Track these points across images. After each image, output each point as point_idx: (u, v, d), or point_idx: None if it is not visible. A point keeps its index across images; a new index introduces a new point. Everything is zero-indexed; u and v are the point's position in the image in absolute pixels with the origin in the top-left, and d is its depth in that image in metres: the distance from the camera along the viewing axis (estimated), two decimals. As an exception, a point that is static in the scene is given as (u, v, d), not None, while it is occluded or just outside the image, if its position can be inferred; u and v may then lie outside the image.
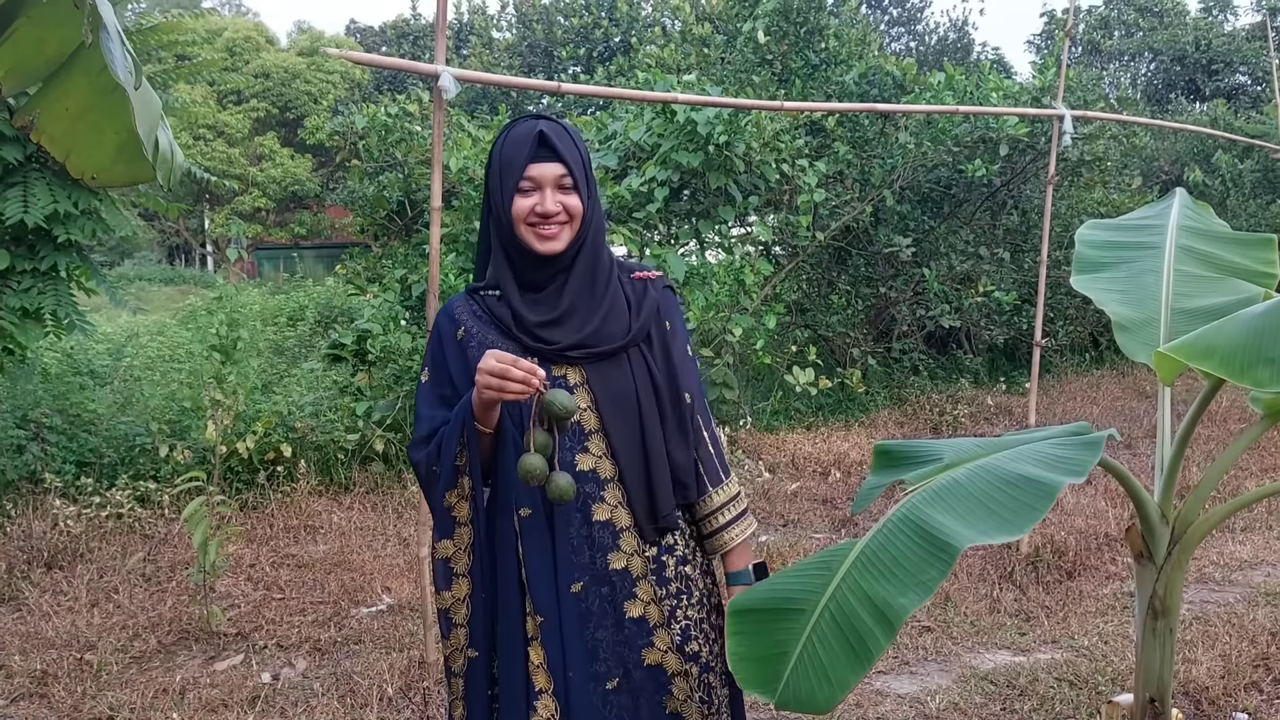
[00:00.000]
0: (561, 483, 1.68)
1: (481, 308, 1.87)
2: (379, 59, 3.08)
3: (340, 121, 8.04)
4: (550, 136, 1.76)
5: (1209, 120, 17.07)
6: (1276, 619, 4.08)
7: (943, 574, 1.53)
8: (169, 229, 28.33)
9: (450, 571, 1.85)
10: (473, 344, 1.84)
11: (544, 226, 1.77)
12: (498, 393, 1.65)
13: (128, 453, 6.01)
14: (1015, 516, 1.60)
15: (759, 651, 1.66)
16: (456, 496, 1.82)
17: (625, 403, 1.82)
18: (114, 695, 3.56)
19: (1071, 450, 1.80)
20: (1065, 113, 4.81)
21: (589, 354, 1.81)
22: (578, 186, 1.79)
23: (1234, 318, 1.58)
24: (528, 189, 1.76)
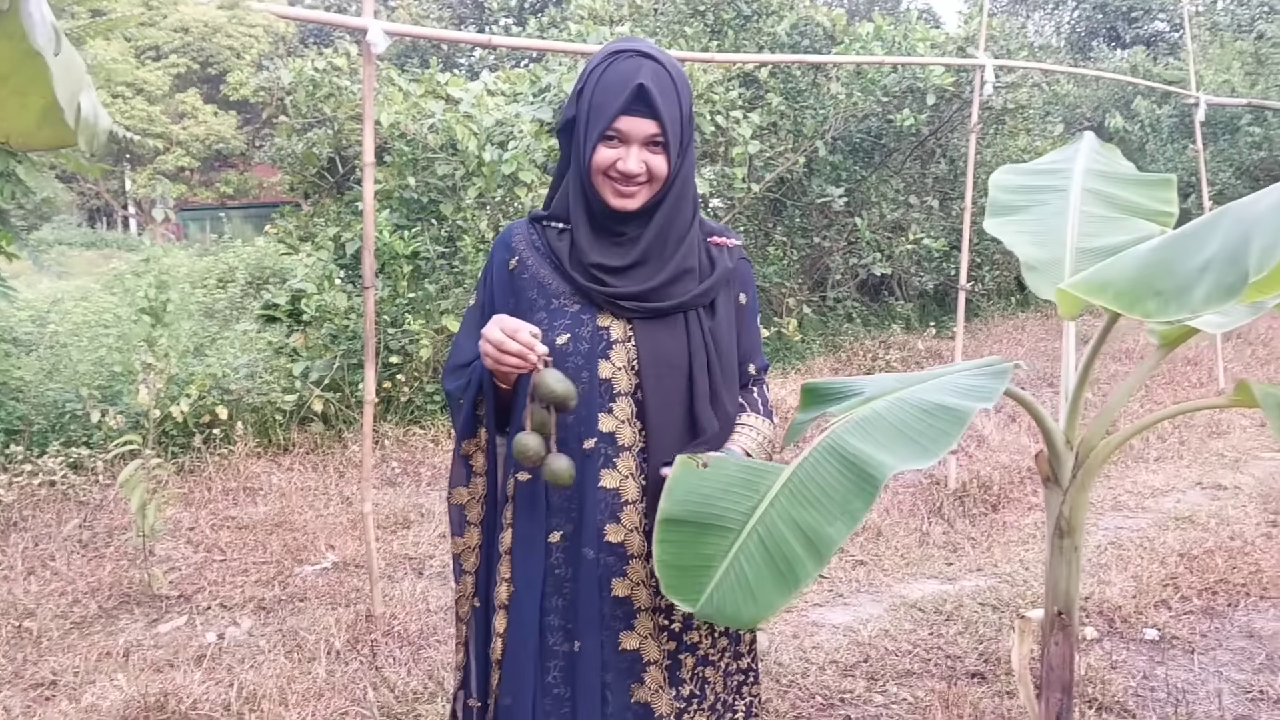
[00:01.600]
0: (557, 466, 1.58)
1: (542, 239, 1.76)
2: (306, 14, 3.06)
3: (266, 77, 7.88)
4: (650, 90, 1.59)
5: (1129, 67, 17.42)
6: (1185, 541, 4.30)
7: (867, 505, 1.62)
8: (89, 191, 27.48)
9: (464, 519, 1.81)
10: (524, 276, 1.74)
11: (623, 184, 1.64)
12: (494, 363, 1.57)
13: (58, 419, 5.91)
14: (931, 443, 1.70)
15: (684, 561, 1.69)
16: (474, 446, 1.77)
17: (673, 368, 1.70)
18: (56, 660, 3.56)
19: (982, 380, 1.91)
20: (987, 62, 4.91)
21: (643, 309, 1.68)
22: (668, 145, 1.64)
23: (1127, 254, 1.68)
24: (613, 140, 1.63)
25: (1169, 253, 1.58)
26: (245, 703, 3.13)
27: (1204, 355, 7.69)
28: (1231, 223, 1.50)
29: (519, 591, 1.71)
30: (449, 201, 6.80)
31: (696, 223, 1.76)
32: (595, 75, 1.63)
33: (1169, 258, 1.57)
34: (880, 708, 3.11)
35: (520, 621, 1.71)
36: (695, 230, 1.75)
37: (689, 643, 1.76)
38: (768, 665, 3.34)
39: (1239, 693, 3.16)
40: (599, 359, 1.68)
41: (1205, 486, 5.18)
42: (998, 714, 3.00)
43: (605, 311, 1.69)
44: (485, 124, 6.72)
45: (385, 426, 6.48)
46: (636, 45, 1.65)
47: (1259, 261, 1.33)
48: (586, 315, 1.68)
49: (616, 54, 1.63)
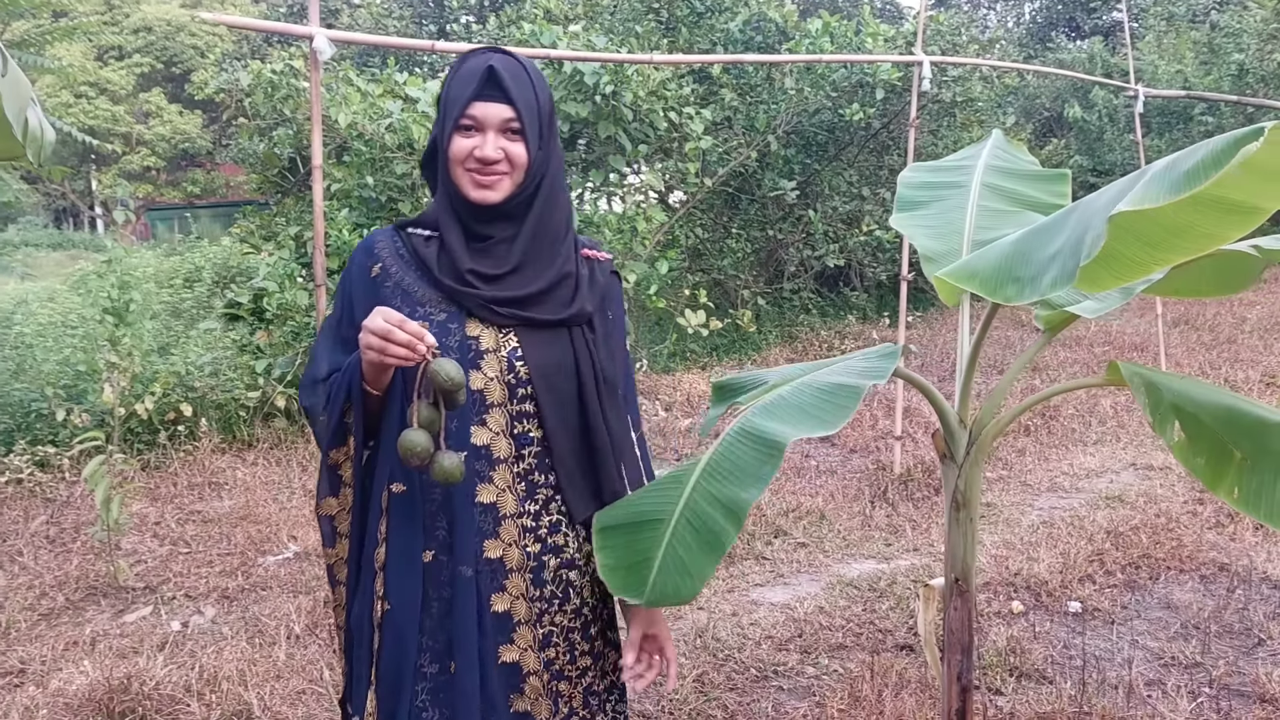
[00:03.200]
0: (447, 463, 1.50)
1: (407, 247, 1.69)
2: (253, 23, 3.19)
3: (226, 79, 7.96)
4: (501, 73, 1.57)
5: (1087, 57, 17.74)
6: (1113, 520, 4.51)
7: (775, 467, 1.79)
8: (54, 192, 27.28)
9: (334, 530, 1.74)
10: (388, 284, 1.66)
11: (481, 173, 1.59)
12: (379, 354, 1.48)
13: (24, 419, 6.00)
14: (830, 416, 1.89)
15: (626, 561, 1.85)
16: (343, 455, 1.68)
17: (562, 376, 1.66)
18: (24, 650, 3.67)
19: (875, 362, 2.10)
20: (924, 59, 5.09)
21: (519, 316, 1.63)
22: (525, 133, 1.59)
23: (995, 245, 1.85)
24: (469, 129, 1.58)
25: (1027, 244, 1.75)
26: (206, 684, 3.26)
27: (1149, 341, 7.93)
28: (1079, 216, 1.67)
29: (394, 610, 1.65)
30: (407, 200, 6.92)
31: (572, 228, 1.73)
32: (450, 77, 1.63)
33: (1027, 248, 1.74)
34: (812, 679, 3.29)
35: (396, 641, 1.65)
36: (571, 235, 1.71)
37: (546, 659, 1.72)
38: (705, 641, 3.51)
39: (1152, 659, 3.35)
40: (469, 370, 1.61)
41: (1138, 468, 5.40)
42: (921, 682, 3.17)
43: (474, 319, 1.63)
44: (443, 123, 6.82)
45: (348, 421, 6.59)
46: (488, 46, 1.68)
47: (1089, 249, 1.50)
48: (454, 324, 1.62)
49: (469, 55, 1.64)
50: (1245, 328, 8.94)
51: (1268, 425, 1.86)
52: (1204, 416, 1.88)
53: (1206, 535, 4.28)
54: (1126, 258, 1.70)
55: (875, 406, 6.76)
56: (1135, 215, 1.54)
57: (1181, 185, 1.38)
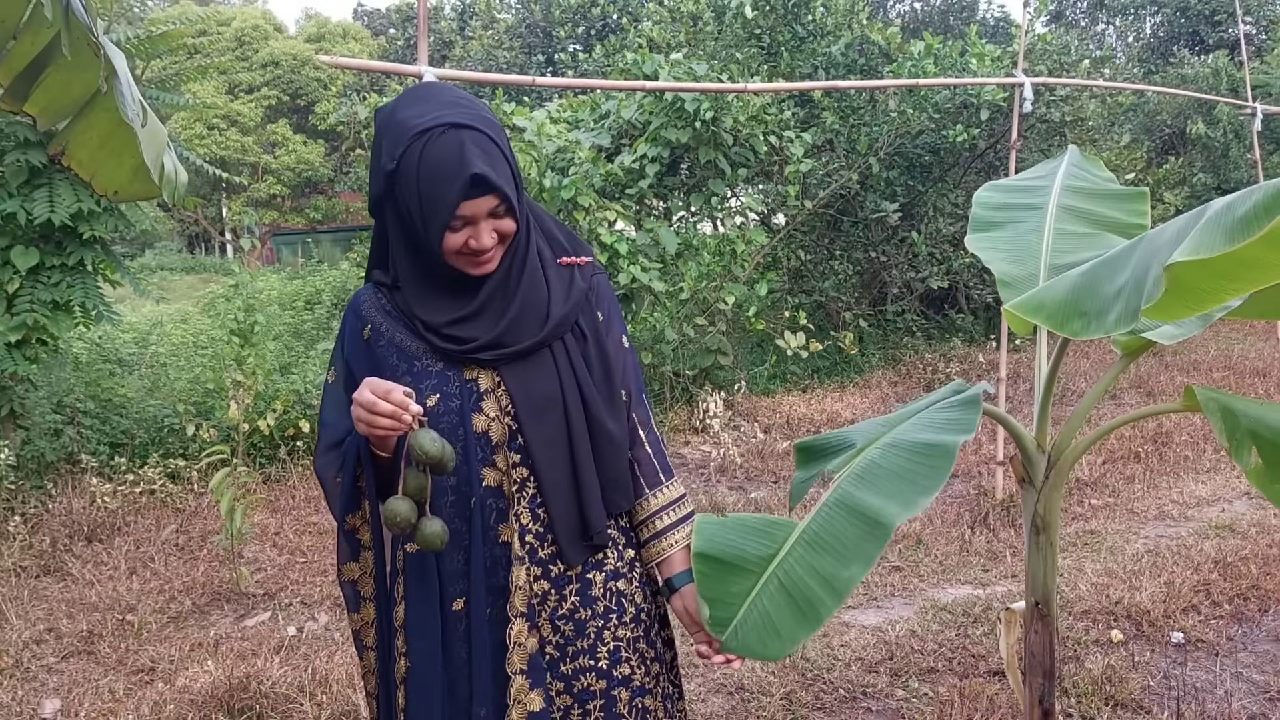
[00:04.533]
0: (428, 531, 1.51)
1: (391, 303, 1.69)
2: (365, 64, 3.40)
3: (345, 111, 8.36)
4: (486, 174, 1.51)
5: (1210, 72, 17.10)
6: (1222, 549, 4.38)
7: (880, 547, 1.81)
8: (188, 219, 28.80)
9: (358, 594, 1.74)
10: (381, 343, 1.67)
11: (479, 257, 1.58)
12: (367, 427, 1.49)
13: (157, 433, 6.40)
14: (928, 480, 1.90)
15: (714, 595, 1.89)
16: (359, 519, 1.69)
17: (549, 408, 1.63)
18: (154, 650, 3.94)
19: (958, 413, 2.09)
20: (1025, 80, 5.06)
21: (502, 354, 1.61)
22: (511, 209, 1.57)
23: (1063, 276, 1.87)
24: (458, 226, 1.54)
25: (1093, 277, 1.78)
26: (318, 685, 3.45)
27: (1272, 367, 7.63)
28: (1143, 251, 1.70)
29: (416, 666, 1.64)
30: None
31: (533, 249, 1.68)
32: (411, 159, 1.52)
33: (1092, 281, 1.77)
34: (900, 701, 3.30)
35: (420, 697, 1.64)
36: (534, 257, 1.67)
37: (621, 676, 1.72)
38: (794, 660, 3.55)
39: (1257, 693, 3.26)
40: (472, 413, 1.61)
41: (1252, 497, 5.21)
42: (1011, 707, 3.16)
43: (471, 365, 1.62)
44: (547, 151, 7.06)
45: (456, 439, 6.83)
46: (438, 112, 1.54)
47: (1149, 294, 1.53)
48: (451, 371, 1.62)
49: (425, 133, 1.52)
50: (1379, 352, 8.52)
51: (1350, 452, 1.84)
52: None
53: (1322, 568, 4.12)
54: (1198, 289, 1.71)
55: (979, 432, 6.68)
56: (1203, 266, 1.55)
57: (1235, 234, 1.39)
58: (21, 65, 1.72)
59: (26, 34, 1.70)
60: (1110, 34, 26.20)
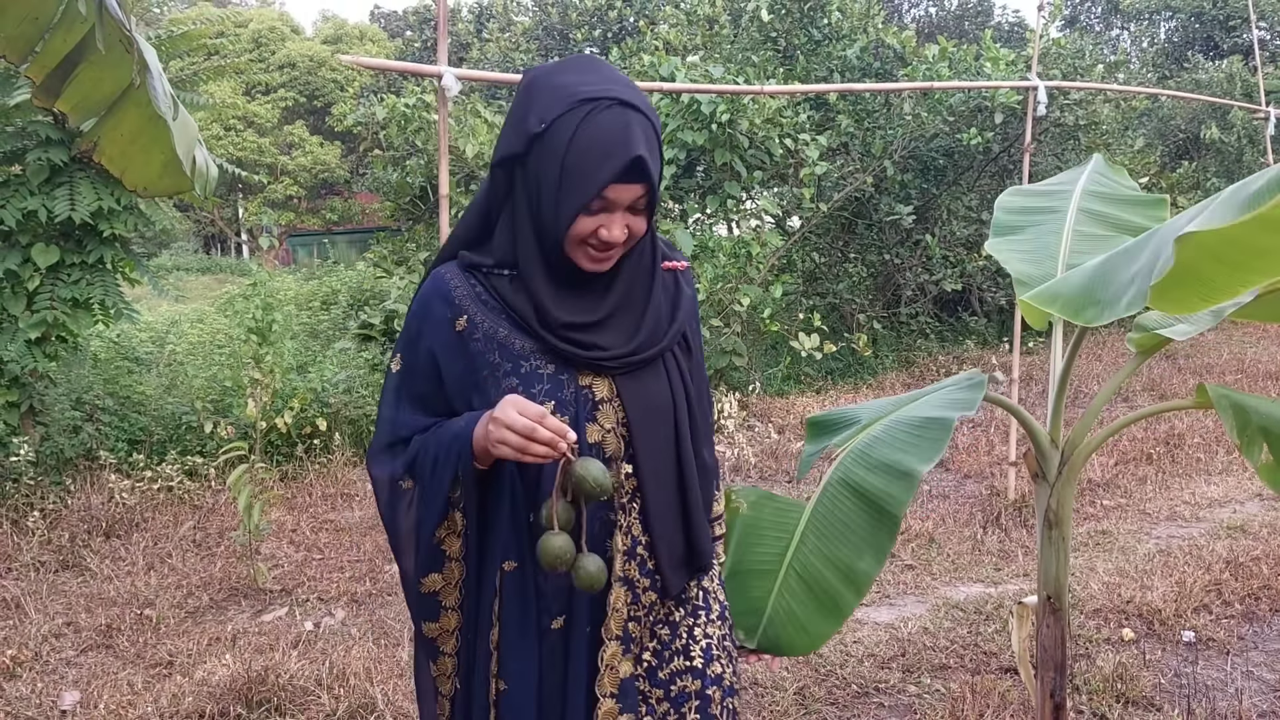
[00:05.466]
0: (592, 568, 1.39)
1: (488, 290, 1.50)
2: (385, 63, 3.44)
3: (362, 112, 8.42)
4: (646, 161, 1.38)
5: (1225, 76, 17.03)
6: (1234, 549, 4.38)
7: (892, 540, 1.96)
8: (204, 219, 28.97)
9: (438, 605, 1.59)
10: (477, 337, 1.49)
11: (602, 251, 1.44)
12: (517, 451, 1.34)
13: (175, 430, 6.46)
14: (925, 451, 2.02)
15: (739, 608, 2.01)
16: (446, 531, 1.54)
17: (660, 422, 1.52)
18: (172, 644, 3.98)
19: (963, 393, 2.17)
20: (1039, 84, 5.08)
21: (628, 363, 1.49)
22: (652, 207, 1.46)
23: (1079, 268, 1.90)
24: (597, 210, 1.41)
25: (1109, 266, 1.81)
26: (336, 679, 3.49)
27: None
28: (1157, 240, 1.72)
29: (512, 689, 1.53)
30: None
31: (659, 254, 1.57)
32: (568, 126, 1.38)
33: (1108, 270, 1.80)
34: (913, 697, 3.32)
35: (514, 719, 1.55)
36: (658, 261, 1.56)
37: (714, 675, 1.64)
38: (808, 656, 3.57)
39: (1267, 691, 3.27)
40: (585, 423, 1.48)
41: (1264, 498, 5.21)
42: (1023, 703, 3.17)
43: (585, 370, 1.49)
44: (564, 152, 7.09)
45: (471, 438, 6.88)
46: (607, 85, 1.40)
47: (1159, 271, 1.56)
48: (565, 376, 1.48)
49: (591, 102, 1.38)
50: (1396, 356, 8.48)
51: (1360, 448, 1.86)
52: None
53: (1336, 569, 4.12)
54: (1210, 281, 1.73)
55: (991, 432, 6.69)
56: (1216, 240, 1.58)
57: (1246, 206, 1.43)
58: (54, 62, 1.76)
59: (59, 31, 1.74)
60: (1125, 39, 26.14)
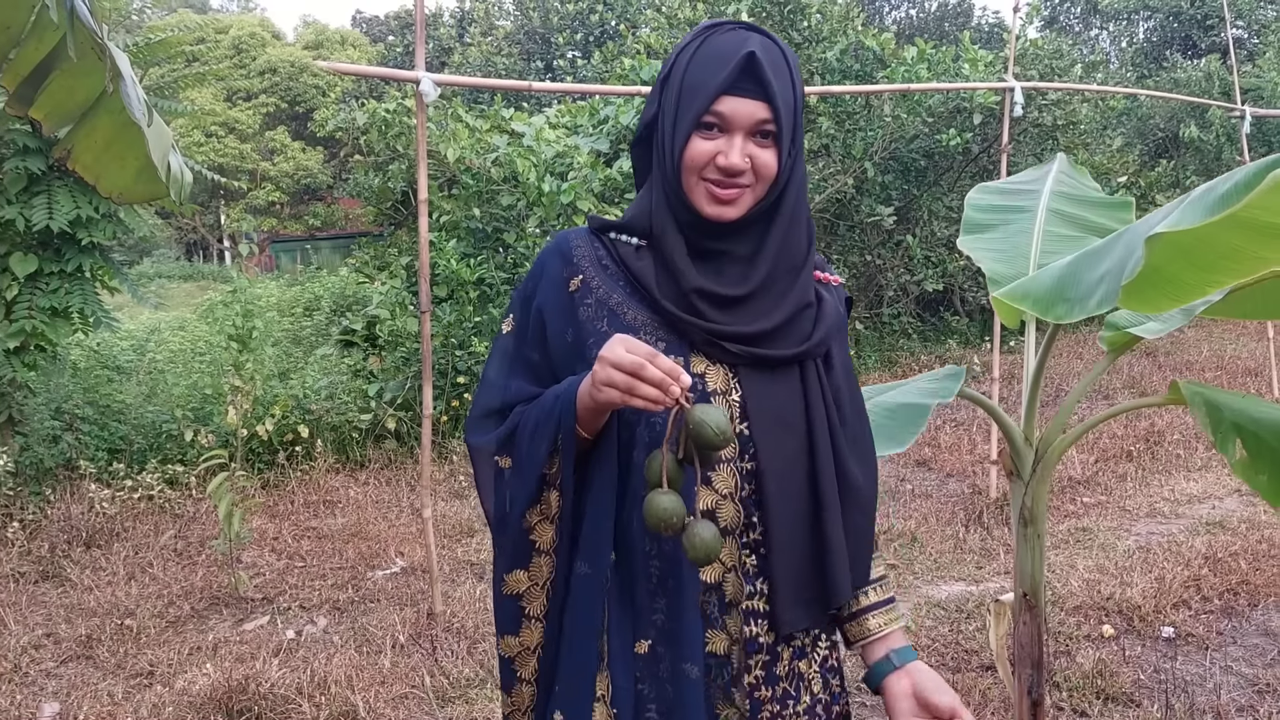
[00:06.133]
0: (706, 535, 1.18)
1: (612, 256, 1.37)
2: (361, 69, 3.44)
3: (343, 118, 8.41)
4: (762, 63, 1.24)
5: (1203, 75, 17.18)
6: (1213, 545, 4.42)
7: None
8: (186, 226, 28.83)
9: (520, 612, 1.37)
10: (589, 301, 1.35)
11: (723, 186, 1.28)
12: (623, 395, 1.16)
13: (155, 439, 6.43)
14: (900, 434, 2.03)
15: None
16: (539, 515, 1.34)
17: (789, 433, 1.31)
18: (153, 654, 3.96)
19: (941, 383, 2.20)
20: (1015, 85, 5.11)
21: (751, 354, 1.30)
22: (779, 136, 1.28)
23: (1050, 267, 1.92)
24: (712, 130, 1.27)
25: (1079, 265, 1.83)
26: (317, 687, 3.48)
27: (1264, 366, 7.67)
28: (1126, 240, 1.74)
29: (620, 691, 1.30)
30: (511, 230, 7.19)
31: (814, 248, 1.41)
32: (687, 55, 1.29)
33: (1078, 269, 1.82)
34: (895, 696, 3.33)
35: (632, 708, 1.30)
36: (813, 256, 1.40)
37: None
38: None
39: (1245, 685, 3.30)
40: None
41: (1243, 494, 5.26)
42: (1004, 700, 3.19)
43: (700, 354, 1.31)
44: (546, 156, 7.11)
45: (454, 443, 6.88)
46: (735, 22, 1.32)
47: (1130, 271, 1.57)
48: (676, 357, 1.28)
49: (713, 28, 1.30)
50: (1374, 352, 8.56)
51: (1330, 443, 1.88)
52: (1265, 434, 1.91)
53: (1313, 563, 4.17)
54: (1179, 280, 1.75)
55: (974, 431, 6.72)
56: (1186, 240, 1.60)
57: (1215, 208, 1.45)
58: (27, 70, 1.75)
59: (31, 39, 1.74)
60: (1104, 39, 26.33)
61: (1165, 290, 1.77)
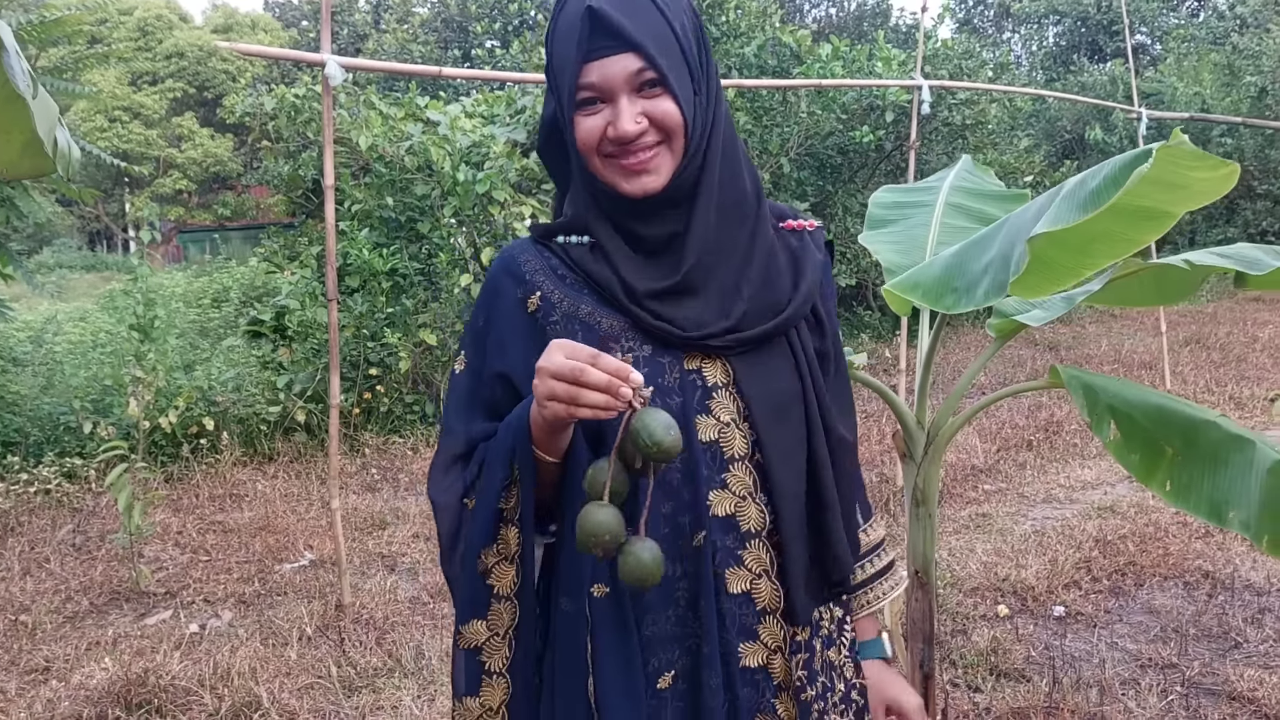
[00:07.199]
0: (644, 557, 1.05)
1: (565, 262, 1.25)
2: (267, 50, 3.38)
3: (250, 103, 8.23)
4: (606, 12, 1.11)
5: (1108, 79, 17.80)
6: (1103, 529, 4.60)
7: None
8: (88, 215, 27.91)
9: (479, 668, 1.22)
10: (554, 318, 1.23)
11: (627, 157, 1.15)
12: (567, 405, 1.04)
13: (52, 431, 6.23)
14: None
15: None
16: (495, 556, 1.21)
17: (788, 415, 1.22)
18: (49, 649, 3.85)
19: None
20: (923, 83, 5.25)
21: (740, 340, 1.20)
22: (668, 80, 1.13)
23: (938, 257, 1.99)
24: (591, 101, 1.15)
25: (963, 256, 1.90)
26: (220, 679, 3.42)
27: (1158, 359, 7.99)
28: (1009, 230, 1.81)
29: None
30: (426, 220, 7.12)
31: (762, 197, 1.27)
32: (549, 36, 1.20)
33: (962, 260, 1.89)
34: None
35: None
36: (763, 210, 1.26)
37: None
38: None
39: (1129, 660, 3.45)
40: (697, 414, 1.19)
41: (1134, 481, 5.46)
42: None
43: (691, 349, 1.21)
44: (461, 145, 7.05)
45: (366, 435, 6.79)
46: None
47: (1015, 268, 1.64)
48: (668, 358, 1.20)
49: None
50: (1256, 346, 8.98)
51: (1197, 423, 1.98)
52: (1137, 416, 2.00)
53: (1194, 544, 4.36)
54: (1058, 264, 1.84)
55: (884, 422, 6.87)
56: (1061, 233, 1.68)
57: (1088, 205, 1.52)
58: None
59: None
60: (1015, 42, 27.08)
61: (1044, 275, 1.85)
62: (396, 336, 6.80)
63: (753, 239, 1.23)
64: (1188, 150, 1.43)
